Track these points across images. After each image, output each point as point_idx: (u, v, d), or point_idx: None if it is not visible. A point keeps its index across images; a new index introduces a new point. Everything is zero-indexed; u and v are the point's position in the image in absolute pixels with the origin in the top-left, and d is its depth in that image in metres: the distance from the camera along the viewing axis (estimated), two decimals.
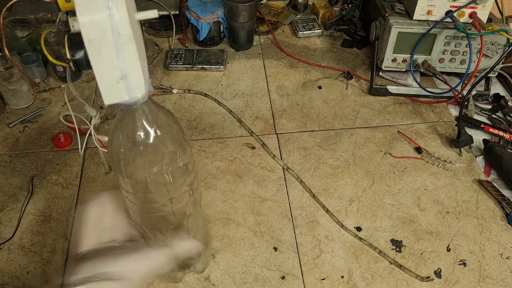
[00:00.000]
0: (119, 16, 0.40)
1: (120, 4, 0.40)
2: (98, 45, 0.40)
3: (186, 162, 0.54)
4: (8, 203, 0.82)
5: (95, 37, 0.40)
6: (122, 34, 0.40)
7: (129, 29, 0.40)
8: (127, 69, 0.42)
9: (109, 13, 0.39)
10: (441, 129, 0.99)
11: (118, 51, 0.41)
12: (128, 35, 0.41)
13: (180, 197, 0.57)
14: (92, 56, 0.41)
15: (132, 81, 0.43)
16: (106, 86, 0.43)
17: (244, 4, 1.09)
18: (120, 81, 0.42)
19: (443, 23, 0.96)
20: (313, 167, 0.90)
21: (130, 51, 0.41)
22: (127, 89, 0.43)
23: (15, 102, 0.99)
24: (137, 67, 0.43)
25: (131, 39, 0.41)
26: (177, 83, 1.08)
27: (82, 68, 0.43)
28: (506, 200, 0.84)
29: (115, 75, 0.42)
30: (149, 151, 0.50)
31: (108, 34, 0.40)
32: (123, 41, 0.41)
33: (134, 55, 0.42)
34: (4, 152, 0.91)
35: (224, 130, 0.97)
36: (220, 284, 0.72)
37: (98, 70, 0.41)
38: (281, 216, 0.81)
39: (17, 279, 0.71)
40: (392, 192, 0.86)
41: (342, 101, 1.05)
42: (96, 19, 0.39)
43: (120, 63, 0.41)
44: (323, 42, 1.23)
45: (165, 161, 0.52)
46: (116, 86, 0.43)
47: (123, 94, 0.43)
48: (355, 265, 0.75)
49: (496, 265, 0.75)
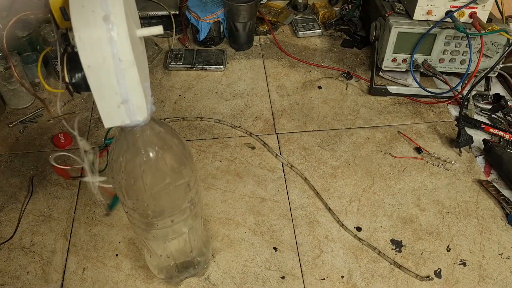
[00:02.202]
0: (120, 43, 0.37)
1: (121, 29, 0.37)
2: (98, 71, 0.38)
3: (188, 179, 0.53)
4: (8, 203, 0.82)
5: (94, 63, 0.38)
6: (124, 60, 0.38)
7: (130, 55, 0.38)
8: (128, 94, 0.40)
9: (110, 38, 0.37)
10: (441, 129, 0.99)
11: (119, 77, 0.39)
12: (129, 61, 0.38)
13: (181, 213, 0.56)
14: (92, 81, 0.39)
15: (133, 105, 0.41)
16: (106, 110, 0.41)
17: (244, 4, 1.09)
18: (121, 105, 0.41)
19: (443, 23, 0.96)
20: (313, 167, 0.90)
21: (132, 76, 0.39)
22: (128, 113, 0.41)
23: (15, 102, 0.99)
24: (139, 91, 0.41)
25: (132, 65, 0.39)
26: (177, 83, 1.08)
27: (81, 90, 0.41)
28: (506, 200, 0.84)
29: (115, 100, 0.40)
30: (151, 172, 0.49)
31: (109, 61, 0.38)
32: (124, 67, 0.38)
33: (135, 80, 0.40)
34: (4, 152, 0.91)
35: (224, 130, 0.97)
36: (220, 284, 0.72)
37: (97, 95, 0.40)
38: (281, 216, 0.81)
39: (17, 279, 0.71)
40: (392, 192, 0.86)
41: (342, 101, 1.05)
42: (96, 45, 0.37)
43: (121, 88, 0.39)
44: (323, 42, 1.23)
45: (166, 181, 0.50)
46: (117, 111, 0.41)
47: (124, 118, 0.42)
48: (355, 265, 0.75)
49: (496, 265, 0.75)
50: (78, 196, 0.83)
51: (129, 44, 0.38)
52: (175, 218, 0.56)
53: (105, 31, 0.37)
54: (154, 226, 0.56)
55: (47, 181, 0.86)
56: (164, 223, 0.55)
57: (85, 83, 0.39)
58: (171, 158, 0.50)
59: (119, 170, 0.49)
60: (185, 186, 0.54)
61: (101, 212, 0.81)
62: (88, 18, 0.36)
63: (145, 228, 0.57)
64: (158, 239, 0.60)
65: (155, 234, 0.58)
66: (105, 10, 0.37)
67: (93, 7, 0.37)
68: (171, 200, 0.53)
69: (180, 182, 0.52)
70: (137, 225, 0.56)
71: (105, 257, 0.75)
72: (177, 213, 0.56)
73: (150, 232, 0.58)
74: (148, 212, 0.53)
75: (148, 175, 0.49)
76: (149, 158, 0.48)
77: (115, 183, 0.50)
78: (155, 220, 0.55)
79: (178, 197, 0.54)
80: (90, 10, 0.36)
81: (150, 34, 0.42)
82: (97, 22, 0.37)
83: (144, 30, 0.42)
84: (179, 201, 0.54)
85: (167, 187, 0.51)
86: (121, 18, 0.37)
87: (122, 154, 0.48)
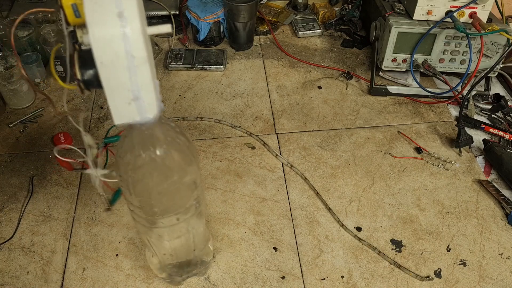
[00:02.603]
0: (133, 38, 0.37)
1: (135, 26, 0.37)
2: (110, 67, 0.38)
3: (194, 177, 0.53)
4: (8, 203, 0.82)
5: (108, 59, 0.38)
6: (137, 57, 0.38)
7: (143, 51, 0.38)
8: (140, 91, 0.40)
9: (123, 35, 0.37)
10: (441, 129, 0.99)
11: (132, 73, 0.39)
12: (142, 58, 0.39)
13: (186, 211, 0.56)
14: (104, 78, 0.39)
15: (144, 102, 0.41)
16: (116, 107, 0.41)
17: (244, 4, 1.09)
18: (132, 102, 0.41)
19: (443, 23, 0.96)
20: (313, 167, 0.90)
21: (144, 73, 0.39)
22: (138, 110, 0.42)
23: (15, 102, 0.99)
24: (150, 88, 0.41)
25: (145, 62, 0.39)
26: (177, 83, 1.08)
27: (92, 87, 0.41)
28: (506, 200, 0.84)
29: (127, 96, 0.40)
30: (159, 169, 0.49)
31: (122, 57, 0.38)
32: (137, 63, 0.39)
33: (147, 76, 0.40)
34: (4, 152, 0.91)
35: (224, 130, 0.97)
36: (220, 284, 0.72)
37: (109, 91, 0.40)
38: (281, 216, 0.81)
39: (17, 279, 0.71)
40: (392, 192, 0.86)
41: (342, 101, 1.05)
42: (110, 41, 0.37)
43: (132, 85, 0.40)
44: (323, 42, 1.23)
45: (174, 178, 0.50)
46: (127, 107, 0.41)
47: (134, 115, 0.42)
48: (355, 265, 0.75)
49: (496, 265, 0.75)
50: (78, 196, 0.83)
51: (142, 41, 0.38)
52: (181, 216, 0.56)
53: (119, 28, 0.37)
54: (159, 224, 0.56)
55: (47, 181, 0.86)
56: (169, 221, 0.55)
57: (96, 80, 0.40)
58: (179, 155, 0.50)
59: (127, 168, 0.49)
60: (191, 183, 0.54)
61: (102, 208, 0.81)
62: (102, 14, 0.37)
63: (150, 226, 0.57)
64: (162, 238, 0.60)
65: (160, 232, 0.58)
66: (119, 7, 0.37)
67: (106, 4, 0.37)
68: (178, 197, 0.53)
69: (187, 179, 0.52)
70: (141, 223, 0.56)
71: (105, 257, 0.75)
72: (183, 211, 0.56)
73: (154, 231, 0.58)
74: (154, 210, 0.53)
75: (156, 172, 0.49)
76: (157, 156, 0.48)
77: (122, 181, 0.50)
78: (160, 218, 0.55)
79: (185, 195, 0.54)
80: (104, 7, 0.37)
81: (159, 32, 0.42)
82: (111, 18, 0.37)
83: (153, 28, 0.41)
84: (185, 198, 0.55)
85: (174, 184, 0.51)
86: (134, 15, 0.37)
87: (130, 151, 0.48)
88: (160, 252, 0.64)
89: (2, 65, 0.94)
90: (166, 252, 0.64)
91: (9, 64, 0.94)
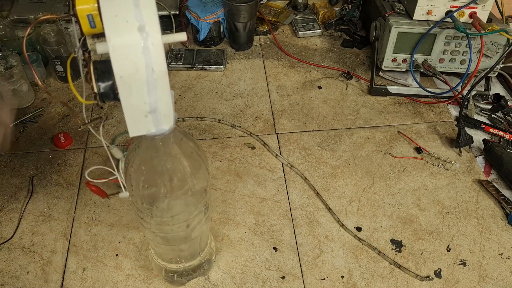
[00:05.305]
0: (154, 53, 0.37)
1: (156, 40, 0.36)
2: (130, 81, 0.38)
3: (205, 184, 0.53)
4: (8, 203, 0.82)
5: (127, 73, 0.37)
6: (156, 70, 0.38)
7: (163, 65, 0.38)
8: (157, 103, 0.40)
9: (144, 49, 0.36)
10: (441, 129, 0.99)
11: (150, 87, 0.38)
12: (162, 71, 0.38)
13: (196, 217, 0.56)
14: (122, 91, 0.38)
15: (160, 114, 0.41)
16: (133, 120, 0.40)
17: (244, 4, 1.09)
18: (148, 115, 0.40)
19: (443, 23, 0.96)
20: (313, 167, 0.90)
21: (163, 86, 0.39)
22: (154, 122, 0.41)
23: (15, 102, 0.99)
24: (168, 100, 0.40)
25: (165, 75, 0.38)
26: (177, 83, 1.08)
27: (108, 100, 0.40)
28: (506, 200, 0.84)
29: (144, 109, 0.40)
30: (172, 179, 0.48)
31: (141, 71, 0.37)
32: (156, 77, 0.38)
33: (166, 89, 0.39)
34: (4, 152, 0.91)
35: (224, 130, 0.97)
36: (220, 284, 0.72)
37: (126, 105, 0.39)
38: (281, 216, 0.81)
39: (17, 279, 0.71)
40: (392, 192, 0.86)
41: (342, 101, 1.05)
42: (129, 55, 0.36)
43: (150, 98, 0.39)
44: (323, 42, 1.23)
45: (186, 187, 0.50)
46: (144, 120, 0.41)
47: (150, 126, 0.41)
48: (355, 265, 0.75)
49: (496, 265, 0.75)
50: (78, 196, 0.83)
51: (163, 55, 0.37)
52: (191, 223, 0.56)
53: (140, 41, 0.36)
54: (169, 231, 0.56)
55: (47, 181, 0.86)
56: (179, 227, 0.55)
57: (113, 93, 0.39)
58: (191, 164, 0.50)
59: (140, 178, 0.48)
60: (202, 191, 0.53)
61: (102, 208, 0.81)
62: (122, 28, 0.36)
63: (159, 234, 0.57)
64: (171, 244, 0.59)
65: (169, 237, 0.58)
66: (140, 20, 0.36)
67: (127, 17, 0.36)
68: (189, 205, 0.53)
69: (198, 187, 0.52)
70: (151, 230, 0.56)
71: (105, 257, 0.75)
72: (193, 218, 0.55)
73: (163, 238, 0.58)
74: (164, 219, 0.53)
75: (170, 182, 0.49)
76: (171, 166, 0.47)
77: (134, 191, 0.50)
78: (171, 226, 0.54)
79: (196, 202, 0.54)
80: (124, 20, 0.36)
81: (175, 41, 0.41)
82: (132, 32, 0.36)
83: (169, 36, 0.40)
84: (196, 205, 0.54)
85: (186, 192, 0.51)
86: (156, 29, 0.37)
87: (143, 162, 0.47)
88: (168, 257, 0.64)
89: (2, 65, 0.94)
90: (173, 257, 0.64)
91: (9, 64, 0.94)
